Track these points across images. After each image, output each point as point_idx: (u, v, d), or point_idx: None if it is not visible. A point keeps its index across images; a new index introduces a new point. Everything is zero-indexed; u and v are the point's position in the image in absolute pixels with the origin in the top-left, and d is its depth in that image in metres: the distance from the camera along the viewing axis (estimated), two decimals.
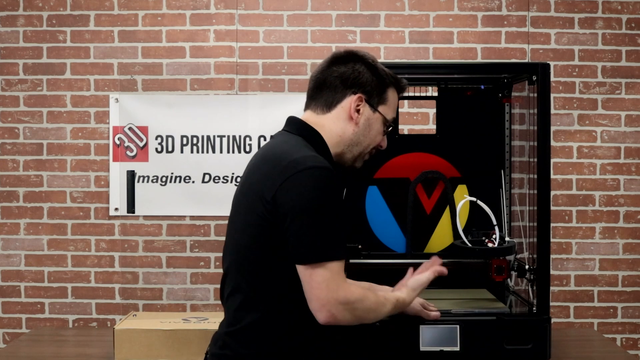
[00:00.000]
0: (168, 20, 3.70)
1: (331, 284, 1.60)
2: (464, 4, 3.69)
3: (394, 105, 1.86)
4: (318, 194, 1.60)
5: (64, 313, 3.73)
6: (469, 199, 2.57)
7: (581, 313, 3.71)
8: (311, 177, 1.61)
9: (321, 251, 1.60)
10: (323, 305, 1.61)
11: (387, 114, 1.83)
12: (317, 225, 1.60)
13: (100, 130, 3.72)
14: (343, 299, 1.62)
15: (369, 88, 1.79)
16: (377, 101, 1.81)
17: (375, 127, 1.82)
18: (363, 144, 1.82)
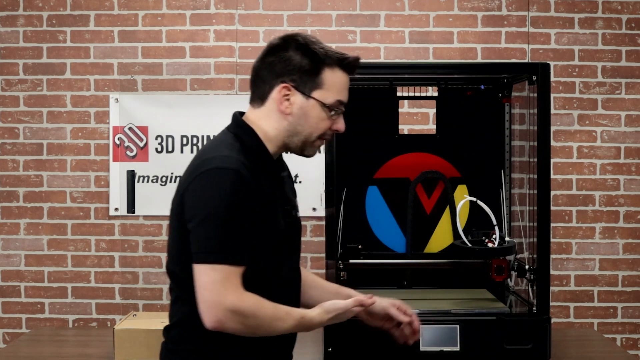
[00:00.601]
0: (168, 20, 3.70)
1: (219, 288, 1.54)
2: (464, 4, 3.69)
3: (337, 86, 1.71)
4: (217, 195, 1.57)
5: (64, 313, 3.73)
6: (469, 199, 2.57)
7: (581, 313, 3.71)
8: (213, 178, 1.58)
9: (212, 252, 1.56)
10: (209, 308, 1.55)
11: (325, 98, 1.69)
12: (211, 227, 1.56)
13: (100, 130, 3.72)
14: (231, 306, 1.54)
15: (297, 74, 1.67)
16: (310, 87, 1.68)
17: (313, 115, 1.69)
18: (304, 133, 1.71)
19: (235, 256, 1.57)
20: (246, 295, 1.57)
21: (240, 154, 1.64)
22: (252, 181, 1.60)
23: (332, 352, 2.28)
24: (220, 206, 1.56)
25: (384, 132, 2.79)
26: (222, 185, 1.57)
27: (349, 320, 2.30)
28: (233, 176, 1.57)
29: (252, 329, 1.60)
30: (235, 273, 1.57)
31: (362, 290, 2.71)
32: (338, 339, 2.29)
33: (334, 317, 1.70)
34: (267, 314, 1.59)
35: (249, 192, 1.59)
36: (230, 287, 1.55)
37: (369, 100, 2.79)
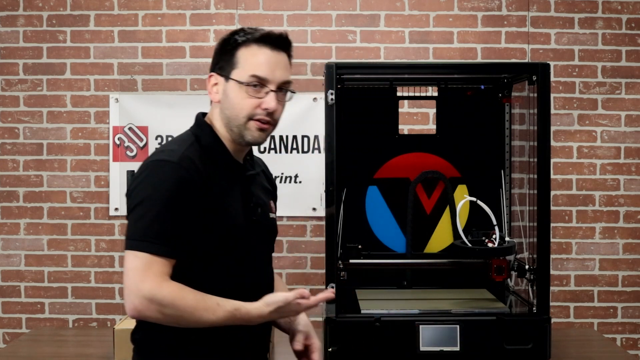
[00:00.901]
0: (168, 20, 3.70)
1: (139, 275, 1.55)
2: (464, 4, 3.69)
3: (251, 62, 1.68)
4: (150, 185, 1.60)
5: (64, 313, 3.73)
6: (469, 199, 2.57)
7: (581, 313, 3.71)
8: (150, 169, 1.63)
9: (135, 239, 1.58)
10: (127, 295, 1.57)
11: (241, 76, 1.68)
12: (140, 215, 1.59)
13: (100, 130, 3.72)
14: (148, 294, 1.54)
15: (219, 62, 1.72)
16: (228, 69, 1.70)
17: (232, 95, 1.69)
18: (232, 116, 1.70)
19: (158, 246, 1.57)
20: (166, 284, 1.57)
21: (189, 149, 1.66)
22: (197, 176, 1.62)
23: (332, 352, 2.28)
24: (152, 196, 1.59)
25: (384, 132, 2.79)
26: (157, 177, 1.61)
27: (349, 320, 2.31)
28: (170, 169, 1.60)
29: (171, 318, 1.58)
30: (158, 262, 1.57)
31: (362, 290, 2.72)
32: (338, 339, 2.29)
33: (276, 311, 1.64)
34: (188, 304, 1.56)
35: (187, 187, 1.60)
36: (150, 275, 1.55)
37: (369, 100, 2.79)
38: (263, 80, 1.69)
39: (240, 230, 1.70)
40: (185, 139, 1.72)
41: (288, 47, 1.75)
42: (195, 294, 1.59)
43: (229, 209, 1.69)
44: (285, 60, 1.74)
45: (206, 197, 1.63)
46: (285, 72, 1.73)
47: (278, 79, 1.71)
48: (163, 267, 1.57)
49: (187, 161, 1.62)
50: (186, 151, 1.65)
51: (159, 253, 1.57)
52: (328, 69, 2.34)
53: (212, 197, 1.65)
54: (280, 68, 1.72)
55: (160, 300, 1.55)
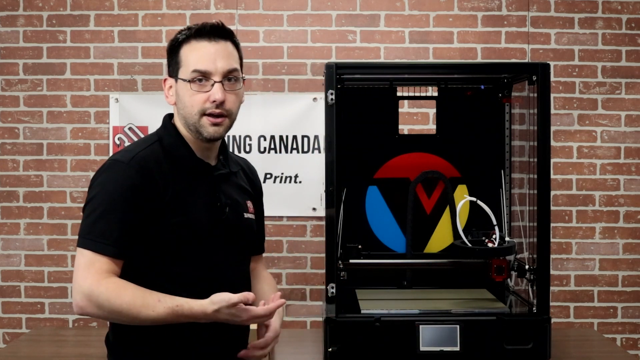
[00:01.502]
0: (168, 20, 3.70)
1: (81, 272, 1.58)
2: (464, 4, 3.69)
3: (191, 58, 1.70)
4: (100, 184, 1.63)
5: (64, 313, 3.73)
6: (469, 199, 2.57)
7: (581, 313, 3.71)
8: (103, 169, 1.66)
9: (81, 236, 1.61)
10: (73, 290, 1.59)
11: (185, 74, 1.70)
12: (87, 213, 1.63)
13: (100, 130, 3.72)
14: (87, 290, 1.56)
15: (169, 65, 1.76)
16: (175, 70, 1.73)
17: (182, 93, 1.72)
18: (186, 115, 1.72)
19: (100, 245, 1.58)
20: (105, 281, 1.57)
21: (148, 149, 1.68)
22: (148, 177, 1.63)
23: (332, 352, 2.28)
24: (99, 195, 1.61)
25: (384, 132, 2.79)
26: (107, 177, 1.63)
27: (349, 320, 2.31)
28: (119, 169, 1.62)
29: (110, 315, 1.58)
30: (101, 260, 1.58)
31: (362, 290, 2.72)
32: (338, 339, 2.29)
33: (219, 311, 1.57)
34: (124, 301, 1.55)
35: (137, 187, 1.61)
36: (92, 273, 1.57)
37: (369, 100, 2.79)
38: (205, 73, 1.69)
39: (201, 230, 1.69)
40: (147, 139, 1.75)
41: (227, 35, 1.73)
42: (135, 290, 1.58)
43: (190, 209, 1.68)
44: (227, 48, 1.72)
45: (161, 197, 1.63)
46: (228, 61, 1.71)
47: (221, 69, 1.70)
48: (106, 265, 1.58)
49: (139, 162, 1.64)
50: (142, 152, 1.67)
51: (101, 251, 1.58)
52: (328, 69, 2.34)
53: (169, 197, 1.64)
54: (222, 57, 1.70)
55: (97, 296, 1.56)
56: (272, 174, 3.68)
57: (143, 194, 1.61)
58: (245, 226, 1.84)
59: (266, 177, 3.68)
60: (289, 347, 2.53)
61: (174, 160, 1.70)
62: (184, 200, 1.67)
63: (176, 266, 1.66)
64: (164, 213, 1.63)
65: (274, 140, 3.68)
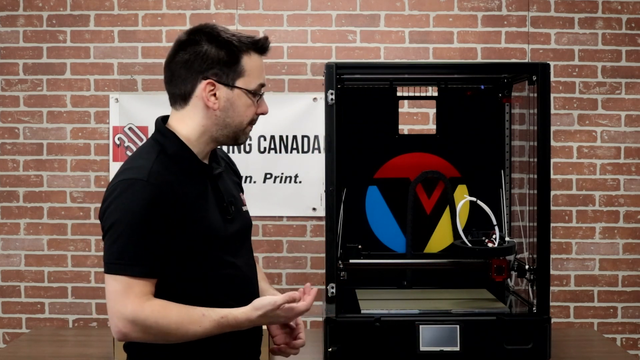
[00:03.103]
0: (168, 20, 3.70)
1: (119, 298, 1.54)
2: (464, 4, 3.69)
3: (256, 70, 1.69)
4: (122, 206, 1.57)
5: (64, 313, 3.73)
6: (469, 199, 2.57)
7: (581, 313, 3.71)
8: (120, 189, 1.59)
9: (112, 263, 1.56)
10: (111, 319, 1.56)
11: (248, 84, 1.68)
12: (115, 237, 1.57)
13: (100, 130, 3.72)
14: (130, 316, 1.53)
15: (217, 67, 1.65)
16: (232, 77, 1.67)
17: (240, 104, 1.68)
18: (233, 124, 1.70)
19: (136, 267, 1.55)
20: (148, 303, 1.55)
21: (156, 161, 1.63)
22: (168, 189, 1.59)
23: (332, 352, 2.28)
24: (124, 217, 1.56)
25: (384, 132, 2.79)
26: (128, 197, 1.57)
27: (349, 320, 2.31)
28: (140, 187, 1.57)
29: (157, 337, 1.57)
30: (138, 283, 1.55)
31: (362, 290, 2.72)
32: (338, 339, 2.29)
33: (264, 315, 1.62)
34: (172, 321, 1.55)
35: (159, 201, 1.58)
36: (130, 297, 1.54)
37: (369, 100, 2.79)
38: (263, 87, 1.73)
39: (218, 232, 1.69)
40: (150, 150, 1.68)
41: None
42: (179, 308, 1.58)
43: (206, 214, 1.67)
44: None
45: (180, 207, 1.61)
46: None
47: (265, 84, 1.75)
48: (143, 287, 1.56)
49: (156, 176, 1.59)
50: (154, 165, 1.62)
51: (137, 274, 1.55)
52: (328, 69, 2.34)
53: (186, 206, 1.63)
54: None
55: (144, 321, 1.54)
56: (272, 174, 3.68)
57: (165, 209, 1.58)
58: (247, 220, 1.86)
59: (266, 177, 3.68)
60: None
61: (181, 167, 1.67)
62: (198, 206, 1.66)
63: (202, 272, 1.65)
64: (185, 223, 1.61)
65: (274, 140, 3.68)
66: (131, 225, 1.56)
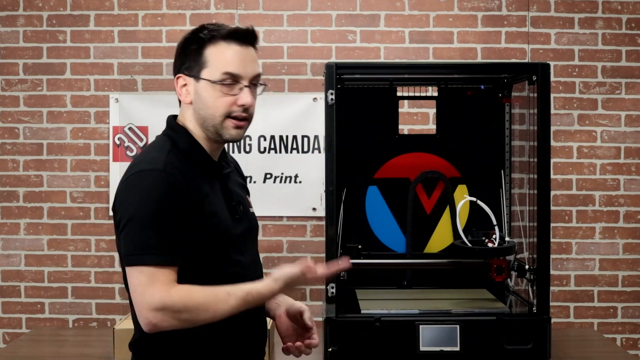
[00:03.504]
0: (168, 20, 3.70)
1: (146, 288, 1.53)
2: (464, 4, 3.69)
3: (222, 59, 1.66)
4: (140, 197, 1.56)
5: (64, 313, 3.73)
6: (469, 199, 2.57)
7: (581, 313, 3.71)
8: (137, 180, 1.59)
9: (135, 254, 1.55)
10: (139, 310, 1.55)
11: (213, 75, 1.65)
12: (136, 229, 1.56)
13: (100, 130, 3.72)
14: (159, 304, 1.52)
15: (187, 62, 1.67)
16: (197, 69, 1.66)
17: (206, 95, 1.66)
18: (207, 116, 1.67)
19: (160, 257, 1.55)
20: (174, 289, 1.55)
21: (170, 155, 1.63)
22: (183, 181, 1.60)
23: (332, 352, 2.28)
24: (144, 207, 1.56)
25: (384, 132, 2.80)
26: (146, 187, 1.57)
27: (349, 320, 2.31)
28: (157, 177, 1.57)
29: (188, 321, 1.56)
30: (163, 272, 1.55)
31: (362, 290, 2.73)
32: (338, 339, 2.29)
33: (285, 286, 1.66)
34: (200, 302, 1.56)
35: (177, 192, 1.58)
36: (157, 286, 1.54)
37: (369, 100, 2.79)
38: (236, 76, 1.68)
39: (229, 229, 1.70)
40: (163, 145, 1.68)
41: (255, 41, 1.76)
42: (204, 290, 1.58)
43: (216, 210, 1.68)
44: (254, 54, 1.75)
45: (193, 201, 1.61)
46: (256, 66, 1.73)
47: (250, 74, 1.70)
48: (169, 276, 1.56)
49: (172, 167, 1.60)
50: (168, 157, 1.62)
51: (162, 263, 1.55)
52: (328, 69, 2.34)
53: (198, 201, 1.63)
54: (251, 62, 1.72)
55: (172, 306, 1.53)
56: (272, 174, 3.68)
57: (182, 199, 1.59)
58: (254, 221, 1.87)
59: (266, 177, 3.68)
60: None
61: (192, 163, 1.67)
62: (210, 202, 1.66)
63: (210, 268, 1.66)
64: (196, 217, 1.62)
65: (274, 140, 3.68)
66: (151, 216, 1.55)
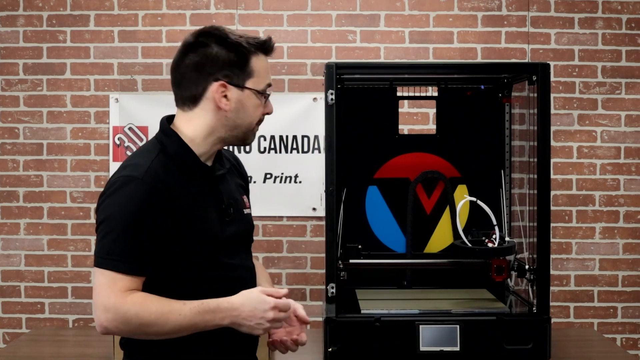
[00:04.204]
0: (168, 20, 3.70)
1: (104, 292, 1.56)
2: (464, 4, 3.69)
3: (264, 71, 1.72)
4: (116, 202, 1.58)
5: (64, 313, 3.73)
6: (469, 199, 2.57)
7: (581, 313, 3.71)
8: (117, 184, 1.60)
9: (101, 256, 1.58)
10: (94, 310, 1.57)
11: (258, 85, 1.71)
12: (106, 233, 1.58)
13: (100, 130, 3.72)
14: (112, 309, 1.54)
15: (228, 69, 1.68)
16: (242, 78, 1.69)
17: (250, 104, 1.71)
18: (244, 125, 1.72)
19: (122, 264, 1.56)
20: (130, 297, 1.56)
21: (155, 161, 1.64)
22: (163, 188, 1.60)
23: (332, 352, 2.28)
24: (117, 213, 1.58)
25: (384, 132, 2.80)
26: (123, 194, 1.59)
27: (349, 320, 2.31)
28: (136, 185, 1.58)
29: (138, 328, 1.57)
30: (123, 279, 1.57)
31: (362, 290, 2.73)
32: (338, 339, 2.29)
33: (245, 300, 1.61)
34: (152, 311, 1.56)
35: (154, 200, 1.59)
36: (114, 292, 1.55)
37: (369, 100, 2.79)
38: (270, 87, 1.75)
39: (216, 234, 1.70)
40: (151, 149, 1.69)
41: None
42: (160, 299, 1.58)
43: (203, 215, 1.68)
44: None
45: (176, 207, 1.62)
46: None
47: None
48: (129, 283, 1.57)
49: (152, 175, 1.60)
50: (152, 164, 1.63)
51: (122, 270, 1.57)
52: (328, 69, 2.34)
53: (183, 206, 1.63)
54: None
55: (124, 313, 1.55)
56: (272, 174, 3.68)
57: (160, 208, 1.59)
58: (247, 223, 1.86)
59: (266, 177, 3.68)
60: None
61: (180, 167, 1.68)
62: (196, 207, 1.67)
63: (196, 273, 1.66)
64: (180, 223, 1.62)
65: (274, 140, 3.68)
66: (122, 222, 1.57)
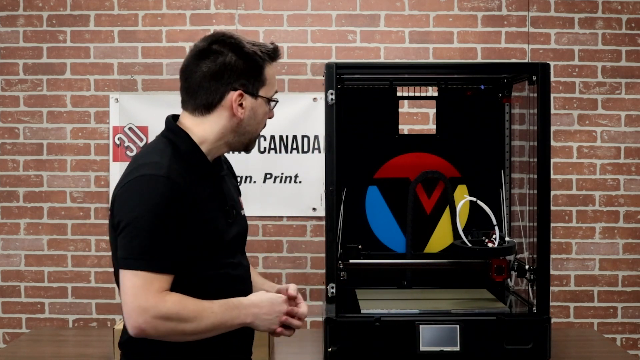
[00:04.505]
0: (168, 20, 3.70)
1: (141, 293, 1.55)
2: (464, 4, 3.69)
3: (273, 78, 1.76)
4: (142, 202, 1.57)
5: (64, 313, 3.73)
6: (469, 199, 2.57)
7: (581, 313, 3.71)
8: (140, 185, 1.59)
9: (134, 258, 1.56)
10: (129, 313, 1.55)
11: (268, 93, 1.74)
12: (135, 233, 1.57)
13: (100, 130, 3.72)
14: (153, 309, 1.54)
15: (245, 78, 1.69)
16: (257, 87, 1.71)
17: (261, 112, 1.74)
18: (252, 131, 1.75)
19: (157, 263, 1.57)
20: (168, 297, 1.57)
21: (172, 159, 1.64)
22: (184, 186, 1.61)
23: (332, 352, 2.28)
24: (145, 213, 1.57)
25: (384, 132, 2.80)
26: (149, 192, 1.58)
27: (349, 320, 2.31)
28: (161, 183, 1.58)
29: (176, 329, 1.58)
30: (158, 279, 1.57)
31: (362, 290, 2.73)
32: (338, 339, 2.29)
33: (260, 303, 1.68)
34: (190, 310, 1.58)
35: (178, 198, 1.59)
36: (152, 292, 1.55)
37: (369, 100, 2.79)
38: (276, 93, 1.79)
39: (222, 233, 1.71)
40: (163, 147, 1.68)
41: None
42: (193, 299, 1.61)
43: (212, 216, 1.69)
44: None
45: (193, 207, 1.63)
46: None
47: None
48: (164, 283, 1.58)
49: (174, 173, 1.61)
50: (169, 161, 1.63)
51: (158, 270, 1.57)
52: (328, 69, 2.34)
53: (199, 206, 1.64)
54: None
55: (165, 312, 1.55)
56: (272, 174, 3.68)
57: (183, 207, 1.60)
58: (245, 224, 1.88)
59: (266, 177, 3.68)
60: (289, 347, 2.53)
61: (191, 166, 1.68)
62: (206, 206, 1.68)
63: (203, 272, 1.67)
64: (195, 223, 1.63)
65: (274, 140, 3.68)
66: (152, 221, 1.56)
